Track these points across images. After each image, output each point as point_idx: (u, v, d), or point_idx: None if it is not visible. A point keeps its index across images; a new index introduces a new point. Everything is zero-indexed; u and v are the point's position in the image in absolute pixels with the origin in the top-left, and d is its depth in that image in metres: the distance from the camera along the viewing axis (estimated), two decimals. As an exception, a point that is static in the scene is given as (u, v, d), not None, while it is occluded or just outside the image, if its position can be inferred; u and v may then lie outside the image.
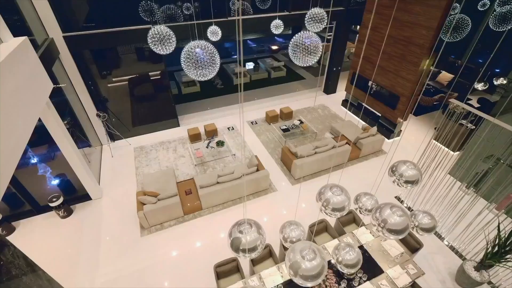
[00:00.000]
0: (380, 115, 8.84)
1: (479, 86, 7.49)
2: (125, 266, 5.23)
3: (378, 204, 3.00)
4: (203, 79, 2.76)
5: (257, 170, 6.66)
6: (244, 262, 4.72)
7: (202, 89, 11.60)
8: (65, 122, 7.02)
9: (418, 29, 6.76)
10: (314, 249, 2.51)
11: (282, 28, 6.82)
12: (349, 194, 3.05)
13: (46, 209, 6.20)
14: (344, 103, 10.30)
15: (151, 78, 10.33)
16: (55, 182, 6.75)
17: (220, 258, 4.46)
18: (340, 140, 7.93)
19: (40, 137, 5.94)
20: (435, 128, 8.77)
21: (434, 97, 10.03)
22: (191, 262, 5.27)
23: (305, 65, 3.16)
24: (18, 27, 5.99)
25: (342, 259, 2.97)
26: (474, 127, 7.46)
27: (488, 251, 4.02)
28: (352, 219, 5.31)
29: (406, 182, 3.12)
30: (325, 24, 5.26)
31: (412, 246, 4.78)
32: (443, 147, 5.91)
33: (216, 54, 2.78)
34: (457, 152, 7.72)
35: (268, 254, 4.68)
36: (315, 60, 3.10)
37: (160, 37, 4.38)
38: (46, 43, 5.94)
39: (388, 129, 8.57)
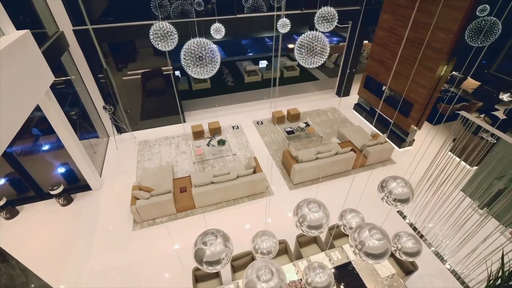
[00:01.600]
0: (392, 122, 8.34)
1: (505, 97, 6.84)
2: (114, 259, 5.30)
3: (359, 224, 2.78)
4: (202, 77, 2.67)
5: (254, 172, 6.52)
6: (225, 268, 4.61)
7: (213, 85, 11.58)
8: (73, 113, 7.27)
9: (437, 32, 6.25)
10: (273, 269, 2.34)
11: (289, 27, 6.59)
12: (328, 211, 2.84)
13: (48, 196, 6.44)
14: (356, 107, 9.85)
15: (164, 73, 10.46)
16: (59, 170, 6.99)
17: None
18: (347, 147, 7.59)
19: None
20: (453, 140, 8.14)
21: (456, 105, 9.31)
22: (177, 261, 5.24)
23: (311, 67, 2.98)
24: (32, 20, 6.25)
25: (311, 281, 2.77)
26: (495, 141, 6.83)
27: (489, 284, 3.63)
28: (343, 233, 5.02)
29: (395, 200, 2.86)
30: (335, 23, 4.98)
31: (406, 267, 4.44)
32: (459, 160, 5.42)
33: (217, 52, 2.67)
34: (475, 167, 7.11)
35: (250, 261, 4.53)
36: (322, 62, 2.90)
37: (162, 34, 4.36)
38: (55, 36, 6.13)
39: (400, 138, 8.07)
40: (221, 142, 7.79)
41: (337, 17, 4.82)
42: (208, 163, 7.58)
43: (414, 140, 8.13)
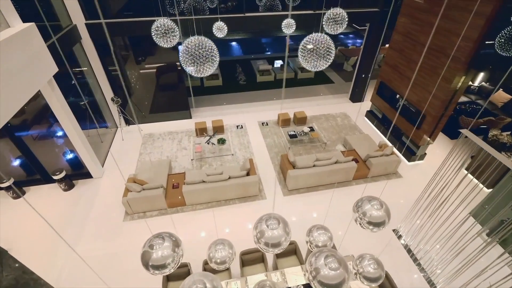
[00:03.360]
0: (403, 133, 7.82)
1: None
2: (101, 248, 5.48)
3: (320, 248, 2.60)
4: (199, 75, 2.64)
5: (248, 174, 6.42)
6: (198, 269, 4.59)
7: (224, 83, 11.59)
8: (82, 103, 7.61)
9: (455, 39, 5.72)
10: (208, 286, 2.25)
11: (294, 28, 6.40)
12: (290, 228, 2.69)
13: (53, 180, 6.79)
14: (369, 114, 9.37)
15: (178, 68, 10.61)
16: (67, 156, 7.35)
17: (186, 259, 4.39)
18: (350, 156, 7.24)
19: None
20: (471, 157, 7.48)
21: (480, 119, 8.53)
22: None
23: (315, 70, 2.87)
24: (47, 14, 6.59)
25: (259, 298, 2.64)
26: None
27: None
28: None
29: (369, 223, 2.67)
30: (345, 25, 4.73)
31: (386, 291, 4.13)
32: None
33: (215, 50, 2.62)
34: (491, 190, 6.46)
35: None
36: (326, 66, 2.77)
37: (164, 30, 4.40)
38: (67, 29, 6.42)
39: (410, 150, 7.54)
40: (221, 141, 7.77)
41: (347, 19, 4.57)
42: (206, 161, 7.59)
43: (425, 154, 7.56)
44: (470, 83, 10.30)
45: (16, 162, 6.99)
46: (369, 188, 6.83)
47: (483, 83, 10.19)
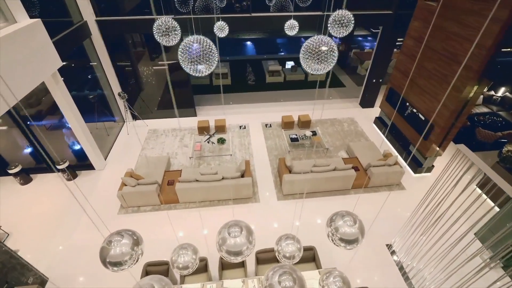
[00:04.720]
0: (410, 143, 7.44)
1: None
2: (93, 238, 5.64)
3: (282, 263, 2.50)
4: (198, 75, 2.66)
5: (242, 176, 6.36)
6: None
7: (233, 82, 11.58)
8: (91, 96, 7.88)
9: (468, 45, 5.33)
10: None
11: (297, 29, 6.25)
12: (254, 237, 2.61)
13: (58, 169, 7.10)
14: (377, 121, 9.00)
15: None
16: (72, 148, 7.64)
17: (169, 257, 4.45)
18: (350, 164, 6.98)
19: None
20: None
21: (498, 132, 7.93)
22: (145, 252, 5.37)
23: (314, 73, 2.82)
24: (60, 10, 6.88)
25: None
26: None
27: None
28: (311, 257, 4.63)
29: (341, 240, 2.55)
30: (350, 29, 4.57)
31: (367, 310, 3.92)
32: (485, 196, 4.59)
33: (214, 50, 2.62)
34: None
35: (204, 267, 4.44)
36: (327, 70, 2.71)
37: (165, 29, 4.47)
38: (77, 25, 6.66)
39: (417, 162, 7.15)
40: (221, 141, 7.76)
41: (353, 22, 4.41)
42: (205, 159, 7.62)
43: (433, 166, 7.14)
44: (493, 92, 9.62)
45: (28, 150, 7.36)
46: (367, 198, 6.55)
47: (507, 93, 9.48)
